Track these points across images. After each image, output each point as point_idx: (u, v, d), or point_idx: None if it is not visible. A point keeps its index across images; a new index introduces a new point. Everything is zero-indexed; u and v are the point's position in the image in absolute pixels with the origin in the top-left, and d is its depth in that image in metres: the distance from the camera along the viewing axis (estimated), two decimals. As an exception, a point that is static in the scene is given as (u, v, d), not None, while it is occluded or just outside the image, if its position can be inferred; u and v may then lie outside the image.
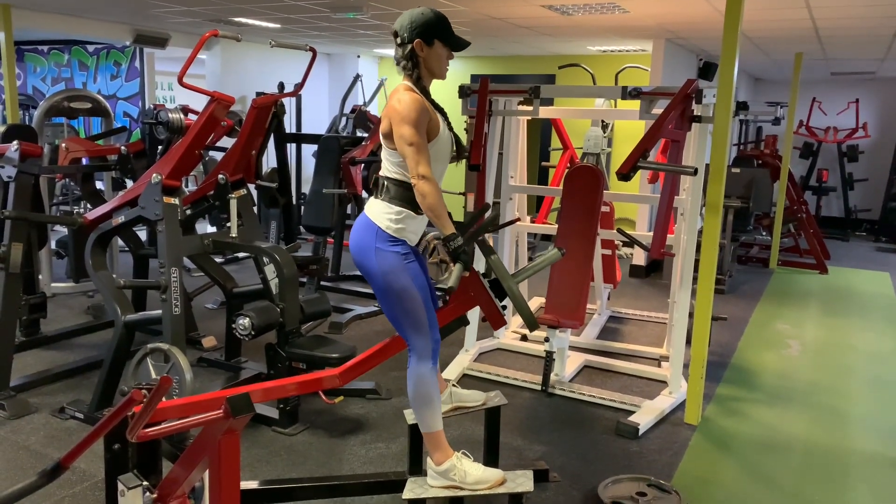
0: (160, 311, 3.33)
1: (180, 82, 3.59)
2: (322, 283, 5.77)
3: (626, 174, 3.17)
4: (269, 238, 6.09)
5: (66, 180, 6.43)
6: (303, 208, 6.66)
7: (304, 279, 5.33)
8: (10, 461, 3.10)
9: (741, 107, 5.20)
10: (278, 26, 6.63)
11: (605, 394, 3.95)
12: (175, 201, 3.40)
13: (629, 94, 3.82)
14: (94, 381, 3.55)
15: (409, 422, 2.74)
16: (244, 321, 3.24)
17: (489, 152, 4.31)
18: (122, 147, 4.48)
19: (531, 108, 4.23)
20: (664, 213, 3.71)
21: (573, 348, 4.56)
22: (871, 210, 10.30)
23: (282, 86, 7.70)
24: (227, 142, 4.81)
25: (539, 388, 4.01)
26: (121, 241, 5.18)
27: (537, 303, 5.49)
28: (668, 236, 4.27)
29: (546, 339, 3.88)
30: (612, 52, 7.85)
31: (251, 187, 4.26)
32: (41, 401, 3.72)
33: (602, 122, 5.14)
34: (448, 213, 2.39)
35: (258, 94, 7.54)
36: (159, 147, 5.14)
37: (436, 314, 2.55)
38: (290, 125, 8.19)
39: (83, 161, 4.61)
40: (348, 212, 6.24)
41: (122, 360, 3.44)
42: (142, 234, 5.58)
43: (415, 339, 2.48)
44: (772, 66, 8.99)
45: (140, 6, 5.75)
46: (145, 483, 1.99)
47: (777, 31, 5.84)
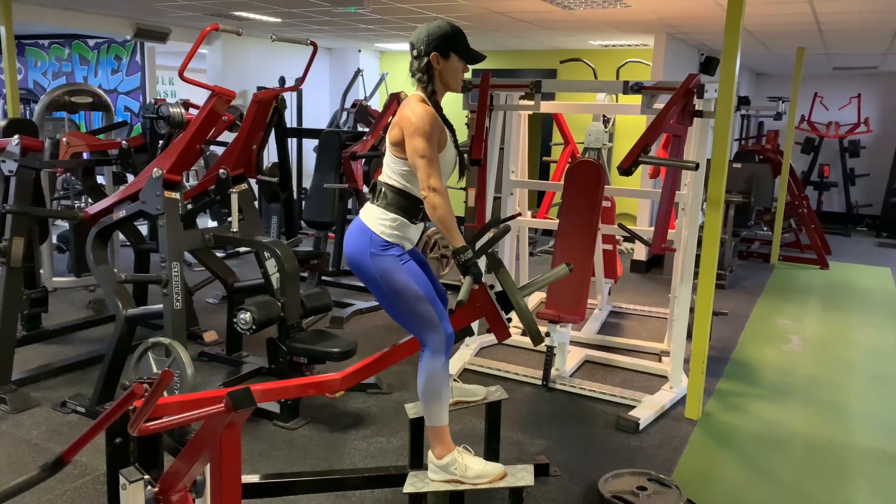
0: (161, 306, 3.34)
1: (181, 77, 3.59)
2: (323, 277, 5.78)
3: (627, 169, 3.17)
4: (270, 233, 6.09)
5: (67, 175, 6.44)
6: (304, 203, 6.67)
7: (304, 274, 5.33)
8: (11, 455, 3.11)
9: (743, 102, 5.20)
10: (279, 20, 6.62)
11: (606, 388, 3.95)
12: (176, 196, 3.41)
13: (631, 88, 3.81)
14: (96, 375, 3.56)
15: (410, 416, 2.74)
16: (245, 316, 3.25)
17: (490, 147, 4.31)
18: (123, 141, 4.49)
19: (532, 103, 4.23)
20: (665, 208, 3.71)
21: (574, 343, 4.56)
22: (873, 205, 10.29)
23: (283, 80, 7.70)
24: (227, 136, 4.81)
25: (540, 382, 4.02)
26: (122, 236, 5.20)
27: (538, 298, 5.49)
28: (669, 231, 4.27)
29: (547, 334, 3.88)
30: (613, 46, 7.82)
31: (252, 182, 4.26)
32: (43, 395, 3.72)
33: (603, 116, 5.15)
34: (459, 227, 2.39)
35: (259, 88, 7.56)
36: (160, 142, 5.13)
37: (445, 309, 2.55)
38: (290, 120, 8.20)
39: (84, 155, 4.62)
40: (349, 207, 6.24)
41: (124, 355, 3.45)
42: (143, 228, 5.58)
43: (426, 334, 2.48)
44: (773, 61, 8.97)
45: (141, 0, 5.75)
46: (147, 477, 1.99)
47: (779, 25, 5.83)
